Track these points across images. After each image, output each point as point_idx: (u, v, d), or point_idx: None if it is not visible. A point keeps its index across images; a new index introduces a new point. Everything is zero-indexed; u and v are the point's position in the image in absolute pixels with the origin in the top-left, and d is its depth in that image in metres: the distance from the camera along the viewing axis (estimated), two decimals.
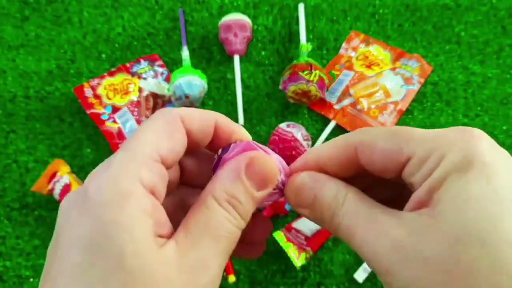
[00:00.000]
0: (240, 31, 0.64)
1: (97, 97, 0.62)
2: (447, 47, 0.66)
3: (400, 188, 0.19)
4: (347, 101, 0.62)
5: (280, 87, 0.60)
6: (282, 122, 0.59)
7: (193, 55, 0.66)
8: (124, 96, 0.62)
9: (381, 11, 0.69)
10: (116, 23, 0.69)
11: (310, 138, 0.57)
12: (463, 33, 0.66)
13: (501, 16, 0.67)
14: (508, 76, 0.64)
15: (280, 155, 0.21)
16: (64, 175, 0.55)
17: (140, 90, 0.63)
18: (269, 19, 0.69)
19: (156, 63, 0.66)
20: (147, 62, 0.66)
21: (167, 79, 0.65)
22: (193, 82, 0.58)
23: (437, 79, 0.64)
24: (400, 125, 0.62)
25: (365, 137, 0.19)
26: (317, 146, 0.54)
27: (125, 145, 0.18)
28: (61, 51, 0.67)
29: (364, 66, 0.65)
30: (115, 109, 0.62)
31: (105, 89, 0.63)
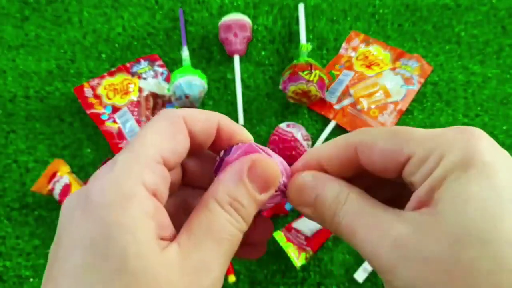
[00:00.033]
0: (240, 31, 0.64)
1: (97, 97, 0.62)
2: (447, 47, 0.66)
3: (400, 188, 0.19)
4: (347, 101, 0.62)
5: (280, 87, 0.60)
6: (282, 122, 0.59)
7: (193, 55, 0.66)
8: (124, 96, 0.62)
9: (381, 11, 0.69)
10: (116, 23, 0.69)
11: (310, 138, 0.57)
12: (463, 33, 0.66)
13: (501, 16, 0.67)
14: (508, 76, 0.64)
15: (280, 155, 0.21)
16: (64, 175, 0.55)
17: (140, 90, 0.63)
18: (269, 19, 0.69)
19: (156, 63, 0.66)
20: (147, 62, 0.66)
21: (167, 79, 0.65)
22: (193, 82, 0.58)
23: (437, 79, 0.64)
24: (400, 125, 0.62)
25: (365, 137, 0.19)
26: (317, 146, 0.54)
27: (128, 146, 0.18)
28: (61, 51, 0.67)
29: (364, 66, 0.65)
30: (115, 109, 0.62)
31: (105, 89, 0.63)
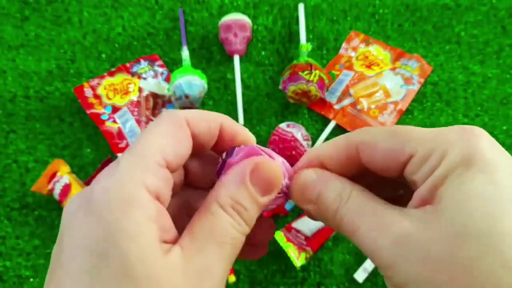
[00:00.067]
0: (240, 31, 0.64)
1: (97, 97, 0.62)
2: (447, 47, 0.66)
3: (402, 187, 0.19)
4: (347, 101, 0.62)
5: (280, 87, 0.60)
6: (282, 122, 0.59)
7: (193, 55, 0.66)
8: (124, 96, 0.62)
9: (381, 11, 0.69)
10: (116, 23, 0.69)
11: (310, 138, 0.57)
12: (463, 33, 0.66)
13: (501, 16, 0.67)
14: (508, 76, 0.64)
15: (280, 155, 0.21)
16: (64, 175, 0.55)
17: (140, 90, 0.63)
18: (269, 19, 0.69)
19: (156, 63, 0.66)
20: (147, 62, 0.66)
21: (167, 79, 0.65)
22: (193, 82, 0.58)
23: (437, 79, 0.64)
24: (400, 125, 0.62)
25: (366, 136, 0.19)
26: (317, 146, 0.54)
27: (131, 149, 0.18)
28: (61, 51, 0.67)
29: (364, 66, 0.65)
30: (115, 109, 0.62)
31: (105, 89, 0.63)
